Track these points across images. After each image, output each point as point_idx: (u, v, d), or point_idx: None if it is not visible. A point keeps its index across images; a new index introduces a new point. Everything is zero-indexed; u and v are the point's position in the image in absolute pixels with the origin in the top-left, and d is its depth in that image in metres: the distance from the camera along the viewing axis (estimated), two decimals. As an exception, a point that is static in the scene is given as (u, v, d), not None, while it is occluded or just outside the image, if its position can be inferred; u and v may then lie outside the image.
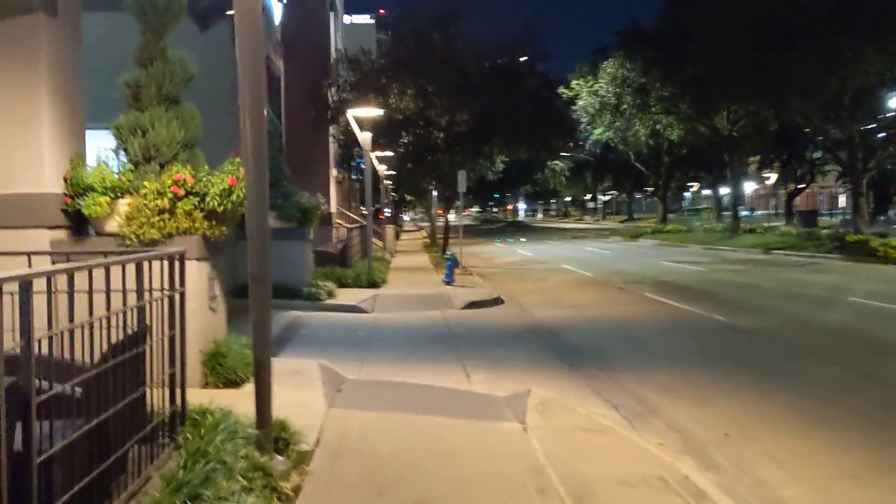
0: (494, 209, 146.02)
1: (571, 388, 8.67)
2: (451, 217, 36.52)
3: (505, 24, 30.44)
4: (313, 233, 24.11)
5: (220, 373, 7.60)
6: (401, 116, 28.50)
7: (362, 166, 50.20)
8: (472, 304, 16.37)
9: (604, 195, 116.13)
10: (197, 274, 7.55)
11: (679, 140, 42.10)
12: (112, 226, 7.53)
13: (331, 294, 16.24)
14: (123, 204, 7.46)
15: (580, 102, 36.28)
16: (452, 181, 30.90)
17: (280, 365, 7.69)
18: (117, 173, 7.63)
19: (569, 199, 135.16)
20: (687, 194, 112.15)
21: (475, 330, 13.41)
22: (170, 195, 7.37)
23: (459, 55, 27.41)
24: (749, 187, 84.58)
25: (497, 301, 17.13)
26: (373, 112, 20.17)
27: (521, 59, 27.58)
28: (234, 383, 7.58)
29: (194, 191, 7.46)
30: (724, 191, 77.05)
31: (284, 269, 15.57)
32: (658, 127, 40.11)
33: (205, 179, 7.51)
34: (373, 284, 19.02)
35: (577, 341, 12.07)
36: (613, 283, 20.95)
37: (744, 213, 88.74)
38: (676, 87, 33.86)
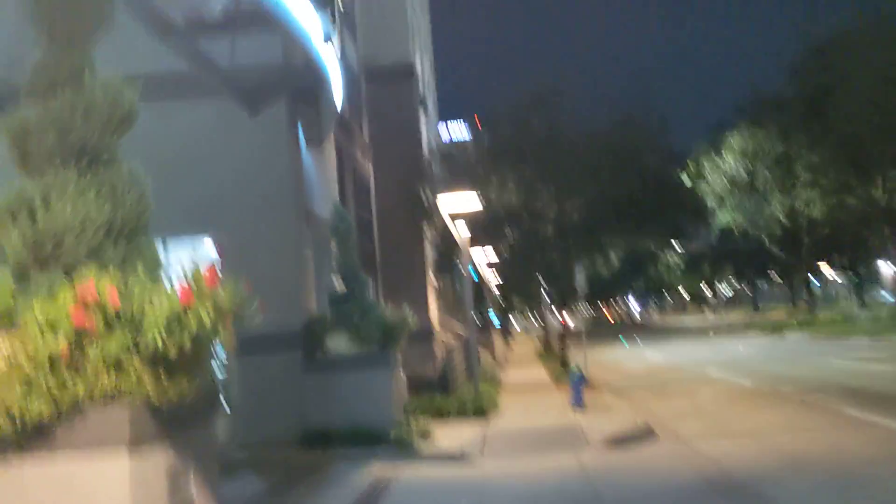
0: (604, 308, 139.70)
1: None
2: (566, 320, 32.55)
3: (613, 97, 26.29)
4: (404, 353, 20.54)
5: None
6: (503, 211, 25.17)
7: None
8: (616, 441, 12.22)
9: (724, 287, 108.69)
10: (129, 485, 4.02)
11: (823, 218, 36.91)
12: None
13: (426, 434, 12.48)
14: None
15: (704, 185, 32.03)
16: (566, 280, 27.05)
17: None
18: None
19: (685, 293, 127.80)
20: (815, 280, 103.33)
21: (632, 490, 9.27)
22: (67, 330, 3.94)
23: (565, 135, 24.09)
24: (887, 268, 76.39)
25: (647, 433, 12.92)
26: (469, 200, 16.87)
27: (637, 132, 23.96)
28: None
29: (124, 317, 4.03)
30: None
31: (363, 407, 12.04)
32: (797, 204, 35.20)
33: (138, 294, 4.06)
34: (481, 414, 15.13)
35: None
36: (788, 395, 16.29)
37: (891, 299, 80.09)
38: (827, 151, 29.29)
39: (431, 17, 47.37)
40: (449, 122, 63.61)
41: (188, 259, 4.90)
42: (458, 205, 17.34)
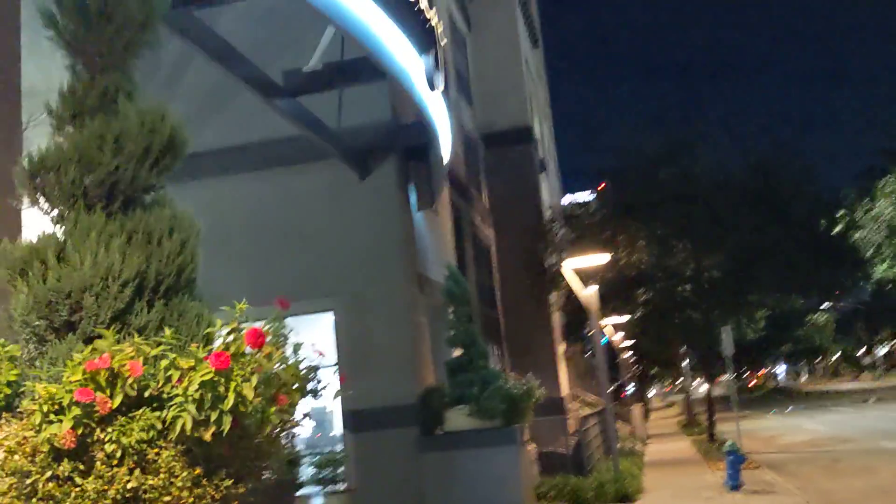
0: (746, 375, 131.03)
1: None
2: (703, 386, 29.77)
3: (751, 145, 23.88)
4: (532, 428, 19.06)
5: None
6: (633, 272, 23.41)
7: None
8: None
9: (882, 347, 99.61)
10: None
11: None
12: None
13: (561, 523, 10.93)
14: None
15: (858, 233, 28.92)
16: (707, 343, 24.76)
17: None
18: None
19: (837, 355, 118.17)
20: None
21: None
22: (73, 411, 2.96)
23: (700, 186, 22.27)
24: None
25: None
26: (598, 259, 15.45)
27: (779, 177, 21.76)
28: None
29: (149, 393, 3.02)
30: None
31: (487, 489, 10.72)
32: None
33: (164, 365, 3.04)
34: (623, 498, 13.37)
35: None
36: None
37: None
38: None
39: (549, 83, 46.82)
40: (574, 188, 62.29)
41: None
42: (585, 265, 15.94)
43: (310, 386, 4.18)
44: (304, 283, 12.71)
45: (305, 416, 4.39)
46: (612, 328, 29.05)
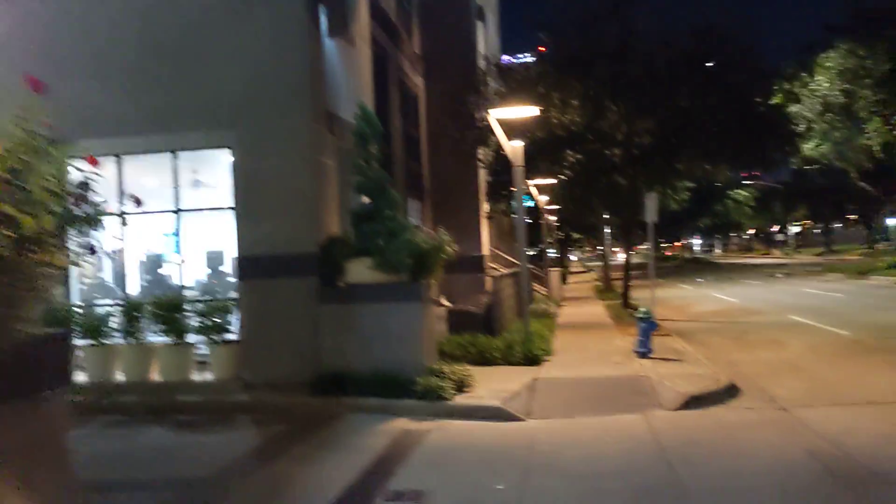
0: (664, 245, 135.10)
1: None
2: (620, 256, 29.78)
3: (696, 6, 22.61)
4: (449, 286, 18.41)
5: None
6: (565, 133, 22.38)
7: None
8: (693, 402, 9.90)
9: (793, 226, 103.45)
10: None
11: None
12: None
13: (463, 384, 10.33)
14: None
15: (795, 108, 28.30)
16: (631, 210, 24.32)
17: None
18: None
19: (752, 231, 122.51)
20: (892, 221, 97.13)
21: (722, 474, 6.98)
22: None
23: (639, 46, 21.01)
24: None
25: (731, 391, 10.57)
26: (527, 112, 14.29)
27: (723, 44, 20.61)
28: None
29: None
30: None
31: (388, 348, 10.00)
32: (896, 133, 31.37)
33: None
34: (531, 360, 12.93)
35: None
36: (898, 351, 13.67)
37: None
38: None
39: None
40: (514, 48, 59.95)
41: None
42: (514, 117, 14.79)
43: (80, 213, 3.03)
44: (196, 113, 11.29)
45: (91, 250, 3.28)
46: (536, 190, 28.35)
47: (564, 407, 9.91)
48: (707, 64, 20.65)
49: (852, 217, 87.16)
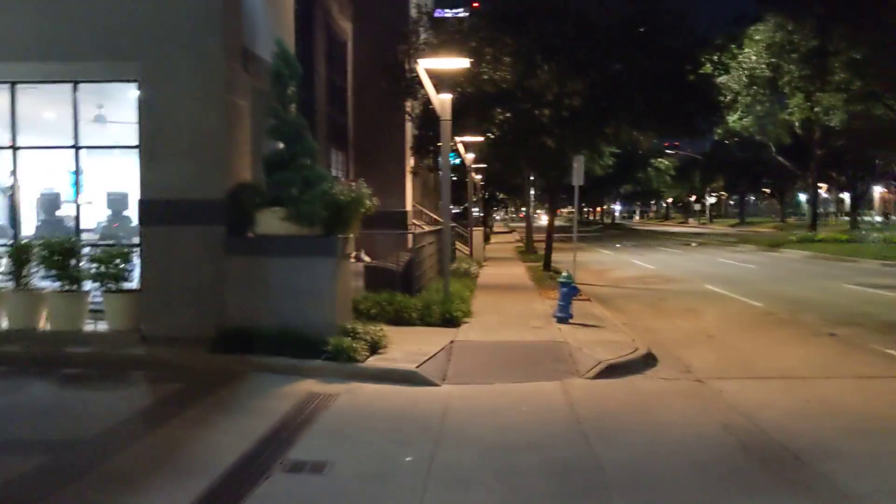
0: (586, 210, 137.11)
1: None
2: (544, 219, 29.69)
3: None
4: (370, 243, 17.88)
5: None
6: (494, 90, 21.85)
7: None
8: (611, 370, 9.71)
9: (710, 197, 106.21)
10: None
11: (842, 127, 33.69)
12: None
13: (377, 345, 9.86)
14: None
15: (722, 79, 28.41)
16: (557, 173, 24.13)
17: None
18: None
19: (670, 200, 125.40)
20: (803, 196, 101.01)
21: (639, 449, 6.75)
22: None
23: (575, 4, 20.54)
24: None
25: (648, 360, 10.45)
26: (454, 64, 13.68)
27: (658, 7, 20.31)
28: None
29: None
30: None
31: (297, 304, 9.45)
32: (817, 110, 31.94)
33: None
34: (449, 321, 12.55)
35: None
36: (812, 326, 13.87)
37: (878, 219, 78.39)
38: (870, 49, 25.83)
39: None
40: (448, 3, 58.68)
41: None
42: (444, 69, 14.17)
43: None
44: (97, 41, 10.31)
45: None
46: (463, 147, 27.84)
47: (481, 372, 9.58)
48: (641, 28, 20.36)
49: (766, 191, 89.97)
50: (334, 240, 9.63)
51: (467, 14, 28.99)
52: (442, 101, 13.72)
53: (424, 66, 13.75)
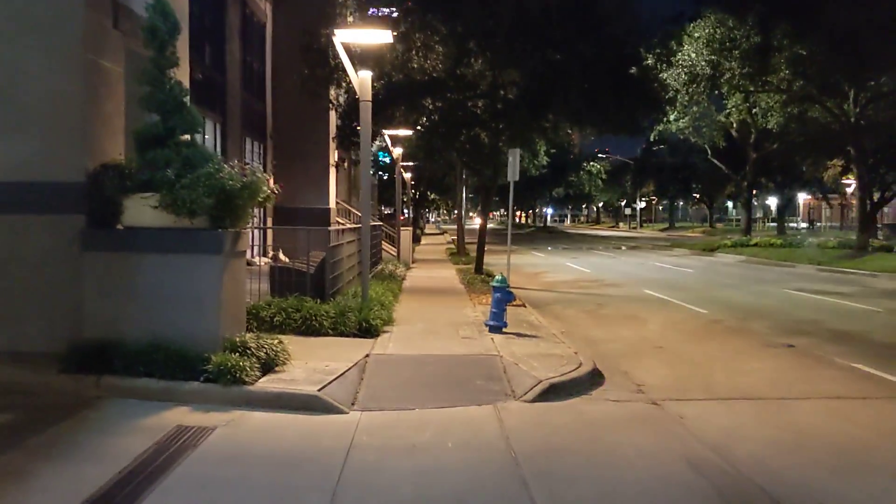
0: (518, 213, 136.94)
1: None
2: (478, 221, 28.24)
3: None
4: (292, 240, 16.16)
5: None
6: (424, 78, 20.28)
7: (380, 152, 41.43)
8: (552, 391, 8.23)
9: (641, 201, 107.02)
10: None
11: (778, 129, 33.27)
12: None
13: (274, 362, 8.13)
14: None
15: (663, 74, 27.34)
16: (493, 169, 22.72)
17: None
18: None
19: (601, 204, 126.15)
20: (730, 203, 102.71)
21: (587, 498, 5.27)
22: None
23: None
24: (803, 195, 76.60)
25: (594, 377, 9.03)
26: (375, 37, 12.01)
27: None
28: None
29: None
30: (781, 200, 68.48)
31: (173, 312, 7.65)
32: (755, 111, 31.44)
33: None
34: (366, 330, 10.90)
35: None
36: (761, 333, 12.78)
37: (803, 225, 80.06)
38: (816, 46, 25.16)
39: None
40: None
41: None
42: (364, 42, 12.51)
43: None
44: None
45: None
46: (390, 141, 26.18)
47: (399, 394, 7.96)
48: (581, 12, 19.04)
49: (696, 196, 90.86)
50: (221, 234, 7.85)
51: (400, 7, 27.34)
52: (362, 80, 12.06)
53: (342, 38, 12.06)
